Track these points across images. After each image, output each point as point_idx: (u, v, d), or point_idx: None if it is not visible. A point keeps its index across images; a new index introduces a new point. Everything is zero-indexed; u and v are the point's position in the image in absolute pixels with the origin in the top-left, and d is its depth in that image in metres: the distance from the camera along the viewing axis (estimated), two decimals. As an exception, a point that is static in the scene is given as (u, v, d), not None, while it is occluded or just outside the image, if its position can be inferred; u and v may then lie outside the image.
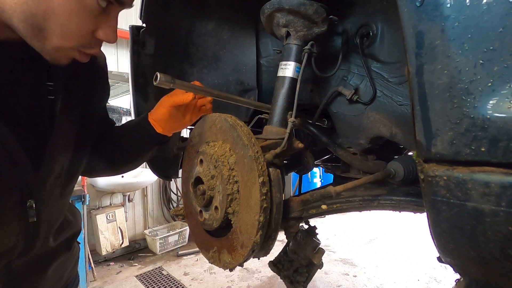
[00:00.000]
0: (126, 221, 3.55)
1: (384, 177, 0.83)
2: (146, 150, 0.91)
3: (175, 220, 4.14)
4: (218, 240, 0.75)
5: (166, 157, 1.26)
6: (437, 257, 0.61)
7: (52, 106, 0.69)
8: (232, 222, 0.69)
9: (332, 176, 1.41)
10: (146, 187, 3.86)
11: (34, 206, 0.67)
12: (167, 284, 3.06)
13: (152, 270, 3.36)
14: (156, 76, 0.71)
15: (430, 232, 0.53)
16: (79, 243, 0.96)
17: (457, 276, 0.58)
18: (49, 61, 0.62)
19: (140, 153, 0.92)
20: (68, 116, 0.72)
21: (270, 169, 0.67)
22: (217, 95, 0.86)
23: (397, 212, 0.94)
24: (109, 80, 0.91)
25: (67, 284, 0.89)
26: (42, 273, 0.78)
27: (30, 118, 0.67)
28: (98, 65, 0.83)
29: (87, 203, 2.82)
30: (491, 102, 0.41)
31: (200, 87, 0.83)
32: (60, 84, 0.70)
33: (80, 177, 2.92)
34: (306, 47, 0.84)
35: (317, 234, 1.02)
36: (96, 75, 0.82)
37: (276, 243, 0.72)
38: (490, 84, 0.42)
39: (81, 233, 0.96)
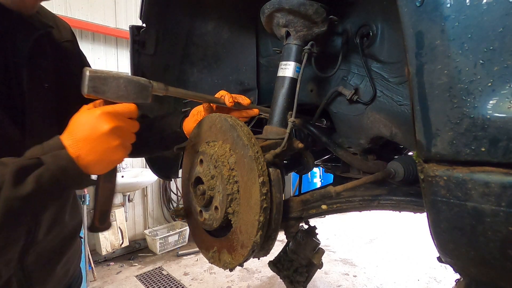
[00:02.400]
0: (126, 221, 3.55)
1: (384, 177, 0.83)
2: (166, 149, 0.98)
3: (175, 220, 4.13)
4: (218, 240, 0.75)
5: (166, 157, 1.26)
6: (437, 257, 0.61)
7: (19, 79, 0.70)
8: (232, 222, 0.69)
9: (332, 176, 1.41)
10: (146, 187, 3.86)
11: None
12: (167, 284, 3.06)
13: (152, 270, 3.36)
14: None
15: (430, 232, 0.53)
16: (82, 238, 0.98)
17: (457, 276, 0.58)
18: (14, 7, 0.64)
19: (155, 153, 1.01)
20: (37, 88, 0.73)
21: (270, 169, 0.67)
22: (211, 100, 0.85)
23: (397, 212, 0.94)
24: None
25: (72, 280, 0.92)
26: (52, 268, 0.81)
27: (3, 94, 0.68)
28: (62, 37, 0.85)
29: (87, 203, 2.82)
30: (491, 102, 0.41)
31: (194, 93, 0.83)
32: (24, 59, 0.71)
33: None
34: (306, 47, 0.84)
35: (317, 234, 1.02)
36: (61, 46, 0.84)
37: (276, 243, 0.72)
38: (490, 84, 0.42)
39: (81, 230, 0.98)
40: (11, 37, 0.67)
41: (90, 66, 0.96)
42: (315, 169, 4.48)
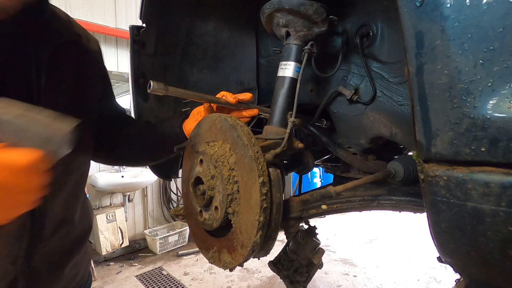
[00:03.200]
0: (126, 221, 3.55)
1: (384, 177, 0.83)
2: (168, 154, 1.01)
3: (175, 220, 4.14)
4: (218, 240, 0.75)
5: (166, 157, 1.26)
6: (437, 257, 0.61)
7: (39, 81, 0.72)
8: (232, 222, 0.69)
9: (332, 176, 1.41)
10: (146, 187, 3.86)
11: None
12: (167, 284, 3.06)
13: (152, 270, 3.36)
14: (150, 84, 0.73)
15: (430, 232, 0.53)
16: (91, 243, 1.01)
17: (457, 276, 0.58)
18: None
19: (159, 157, 1.03)
20: (54, 89, 0.74)
21: (270, 169, 0.67)
22: (211, 100, 0.86)
23: (397, 212, 0.94)
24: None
25: (81, 283, 0.92)
26: (60, 270, 0.81)
27: (19, 92, 0.69)
28: (89, 47, 0.87)
29: (87, 203, 2.82)
30: (491, 102, 0.41)
31: (194, 93, 0.83)
32: (45, 59, 0.72)
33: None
34: (306, 47, 0.84)
35: (317, 234, 1.02)
36: (87, 55, 0.86)
37: (276, 243, 0.72)
38: (490, 84, 0.42)
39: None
40: (35, 41, 0.69)
41: (110, 82, 0.99)
42: (315, 169, 4.48)
